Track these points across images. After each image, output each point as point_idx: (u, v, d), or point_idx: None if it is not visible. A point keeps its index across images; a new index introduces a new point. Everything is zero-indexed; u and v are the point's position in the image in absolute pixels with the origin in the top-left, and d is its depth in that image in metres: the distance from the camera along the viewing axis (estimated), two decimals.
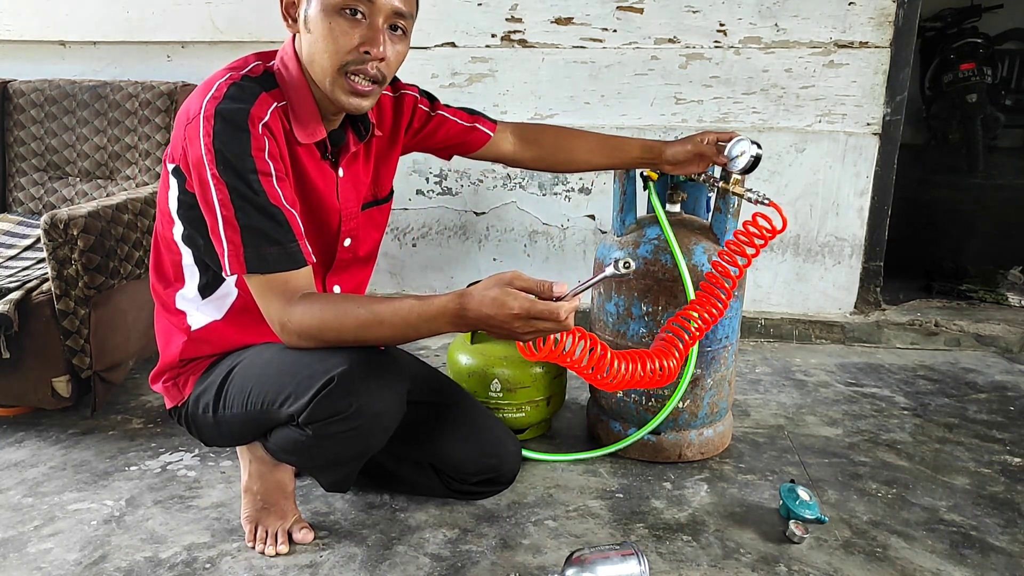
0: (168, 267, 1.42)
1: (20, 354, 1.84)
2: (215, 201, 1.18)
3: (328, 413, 1.27)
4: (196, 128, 1.19)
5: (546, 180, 2.62)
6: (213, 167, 1.17)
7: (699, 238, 1.73)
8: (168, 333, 1.47)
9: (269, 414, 1.35)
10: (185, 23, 2.63)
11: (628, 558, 1.34)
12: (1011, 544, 1.54)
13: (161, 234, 1.41)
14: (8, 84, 2.52)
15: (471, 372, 1.85)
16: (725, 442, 1.89)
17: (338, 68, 1.22)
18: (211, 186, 1.18)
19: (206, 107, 1.19)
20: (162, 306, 1.47)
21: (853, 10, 2.36)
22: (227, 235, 1.19)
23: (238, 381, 1.38)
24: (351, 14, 1.19)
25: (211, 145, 1.16)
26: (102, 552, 1.50)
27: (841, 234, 2.54)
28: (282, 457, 1.46)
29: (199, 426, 1.47)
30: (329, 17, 1.19)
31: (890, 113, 2.42)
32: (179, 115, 1.27)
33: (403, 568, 1.45)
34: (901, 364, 2.45)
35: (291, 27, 1.26)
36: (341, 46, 1.20)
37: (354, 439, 1.33)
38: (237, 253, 1.19)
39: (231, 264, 1.20)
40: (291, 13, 1.24)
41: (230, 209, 1.18)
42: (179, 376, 1.46)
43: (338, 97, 1.24)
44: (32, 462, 1.84)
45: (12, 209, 2.52)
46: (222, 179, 1.17)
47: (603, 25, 2.47)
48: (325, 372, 1.24)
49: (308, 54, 1.24)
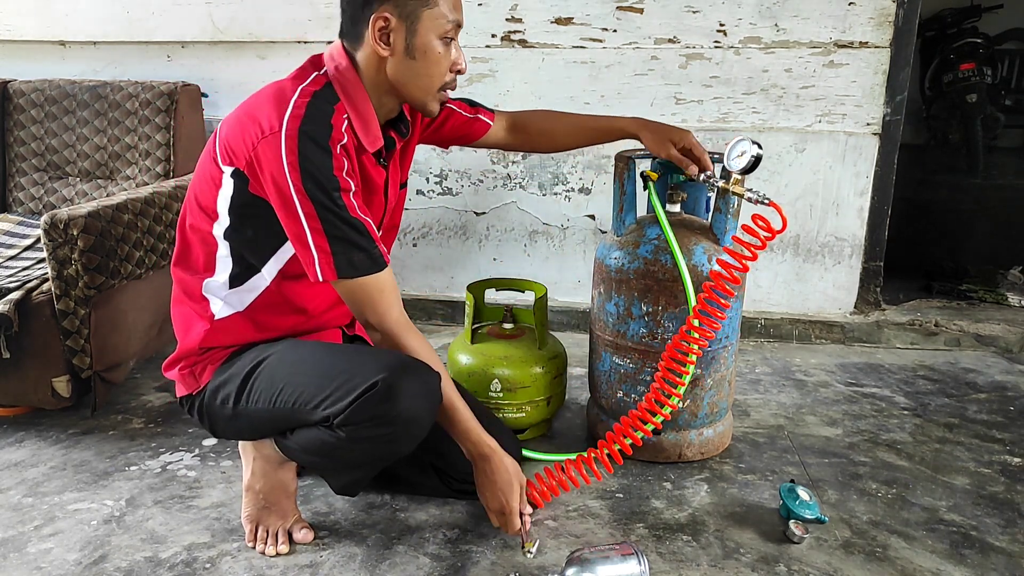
0: (199, 257, 1.45)
1: (20, 354, 1.84)
2: (301, 214, 1.28)
3: (367, 417, 1.31)
4: (277, 145, 1.26)
5: (546, 180, 2.63)
6: (299, 184, 1.26)
7: (699, 238, 1.73)
8: (189, 320, 1.48)
9: (299, 413, 1.38)
10: (185, 23, 2.63)
11: (628, 558, 1.34)
12: (1011, 544, 1.54)
13: (195, 227, 1.43)
14: (8, 84, 2.52)
15: (471, 372, 1.85)
16: (725, 442, 1.89)
17: (440, 87, 1.40)
18: (295, 200, 1.27)
19: (288, 126, 1.26)
20: (185, 293, 1.48)
21: (853, 10, 2.36)
22: (316, 245, 1.29)
23: (265, 376, 1.41)
24: (448, 42, 1.37)
25: (297, 164, 1.25)
26: (102, 552, 1.50)
27: (841, 234, 2.54)
28: (300, 456, 1.47)
29: (213, 417, 1.48)
30: (438, 46, 1.36)
31: (890, 113, 2.42)
32: (240, 123, 1.32)
33: (403, 568, 1.45)
34: (901, 364, 2.45)
35: (382, 50, 1.35)
36: (443, 69, 1.39)
37: (384, 445, 1.37)
38: (328, 262, 1.30)
39: (323, 272, 1.31)
40: (384, 40, 1.34)
41: (317, 222, 1.28)
42: (197, 364, 1.47)
43: (431, 108, 1.43)
44: (32, 462, 1.84)
45: (12, 209, 2.52)
46: (308, 196, 1.26)
47: (603, 25, 2.47)
48: (366, 377, 1.31)
49: (405, 75, 1.37)
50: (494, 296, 2.22)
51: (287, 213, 1.29)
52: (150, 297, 2.08)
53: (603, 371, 1.85)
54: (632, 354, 1.77)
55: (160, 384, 2.27)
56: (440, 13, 1.34)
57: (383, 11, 1.31)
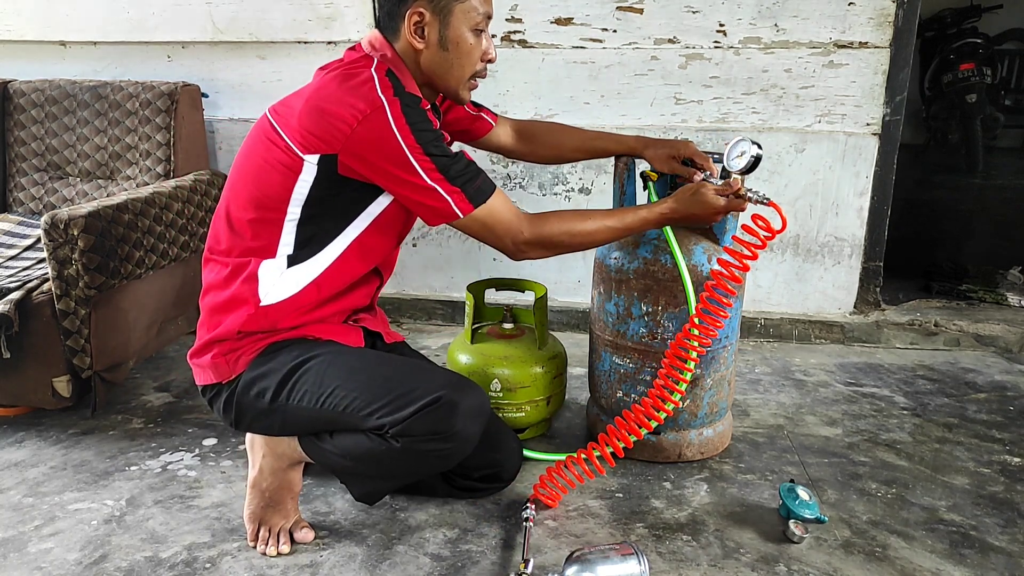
0: (257, 244, 1.46)
1: (20, 354, 1.84)
2: (421, 171, 1.37)
3: (427, 431, 1.37)
4: (383, 118, 1.34)
5: (546, 180, 2.63)
6: (415, 144, 1.35)
7: (699, 238, 1.73)
8: (229, 304, 1.46)
9: (349, 417, 1.40)
10: (185, 23, 2.63)
11: (628, 557, 1.35)
12: (1011, 544, 1.54)
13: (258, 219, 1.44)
14: (8, 84, 2.52)
15: (471, 372, 1.86)
16: (725, 442, 1.89)
17: (471, 76, 1.48)
18: (413, 161, 1.36)
19: (387, 99, 1.35)
20: (235, 273, 1.47)
21: (853, 10, 2.36)
22: (446, 190, 1.39)
23: (313, 376, 1.42)
24: (479, 32, 1.44)
25: (408, 128, 1.35)
26: (102, 552, 1.51)
27: (841, 234, 2.54)
28: (333, 459, 1.48)
29: (242, 408, 1.47)
30: (470, 37, 1.43)
31: (890, 113, 2.42)
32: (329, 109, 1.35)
33: (403, 568, 1.45)
34: (901, 364, 2.45)
35: (417, 42, 1.42)
36: (475, 59, 1.46)
37: (436, 459, 1.43)
38: (460, 198, 1.40)
39: (461, 208, 1.41)
40: (418, 33, 1.42)
41: (438, 173, 1.38)
42: (232, 351, 1.46)
43: (464, 95, 1.51)
44: (32, 462, 1.84)
45: (12, 209, 2.52)
46: (425, 152, 1.36)
47: (603, 25, 2.47)
48: (428, 391, 1.37)
49: (439, 66, 1.45)
50: (494, 296, 2.22)
51: (407, 175, 1.37)
52: (150, 297, 2.08)
53: (603, 371, 1.85)
54: (632, 354, 1.77)
55: (160, 384, 2.27)
56: (472, 6, 1.41)
57: (417, 6, 1.39)
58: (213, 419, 2.04)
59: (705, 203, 1.52)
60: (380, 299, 1.67)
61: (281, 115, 1.43)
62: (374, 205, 1.46)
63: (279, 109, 1.45)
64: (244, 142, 1.51)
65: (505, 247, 1.48)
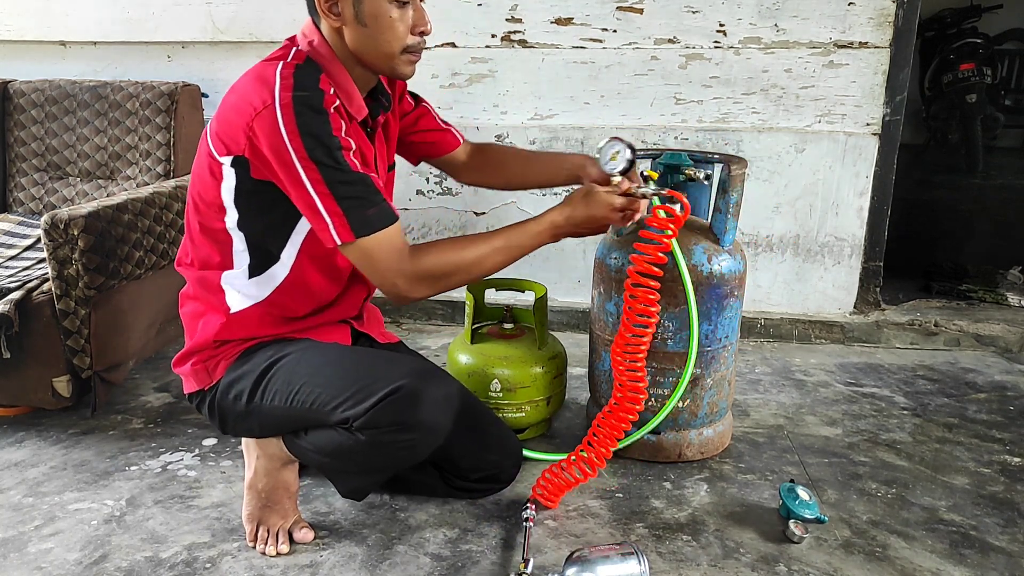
0: (212, 253, 1.44)
1: (20, 354, 1.84)
2: (307, 181, 1.26)
3: (388, 422, 1.33)
4: (273, 117, 1.25)
5: None
6: (301, 150, 1.24)
7: (699, 238, 1.73)
8: (203, 314, 1.48)
9: (317, 414, 1.38)
10: (185, 23, 2.63)
11: (628, 557, 1.35)
12: (1011, 544, 1.54)
13: (205, 225, 1.42)
14: (8, 84, 2.52)
15: (471, 372, 1.85)
16: (725, 442, 1.89)
17: (401, 51, 1.35)
18: (300, 168, 1.25)
19: (280, 96, 1.25)
20: (200, 285, 1.47)
21: (853, 10, 2.36)
22: (328, 210, 1.27)
23: (283, 375, 1.41)
24: (403, 4, 1.32)
25: (296, 130, 1.24)
26: (102, 552, 1.51)
27: (841, 234, 2.54)
28: (312, 457, 1.48)
29: (224, 413, 1.48)
30: (387, 9, 1.31)
31: (890, 113, 2.42)
32: (231, 109, 1.31)
33: (403, 568, 1.45)
34: (901, 364, 2.45)
35: (333, 20, 1.33)
36: (401, 33, 1.33)
37: (403, 450, 1.39)
38: (343, 223, 1.27)
39: (340, 234, 1.28)
40: (330, 9, 1.32)
41: (324, 186, 1.26)
42: (210, 359, 1.47)
43: (402, 71, 1.39)
44: (32, 462, 1.84)
45: (12, 209, 2.52)
46: (312, 160, 1.25)
47: (603, 25, 2.47)
48: (389, 382, 1.32)
49: (362, 43, 1.34)
50: (494, 296, 2.22)
51: (294, 184, 1.27)
52: (150, 297, 2.08)
53: (603, 371, 1.85)
54: None
55: (160, 384, 2.27)
56: None
57: None
58: None
59: (600, 202, 1.40)
60: (379, 299, 1.66)
61: (213, 117, 1.38)
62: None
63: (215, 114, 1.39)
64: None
65: (384, 286, 1.35)
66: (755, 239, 2.58)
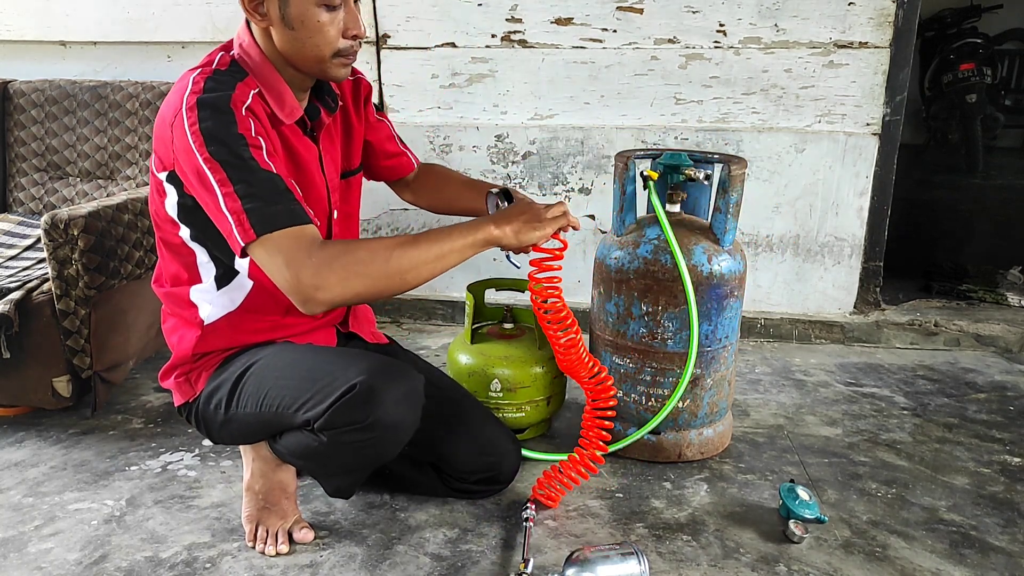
0: (180, 269, 1.44)
1: (20, 354, 1.84)
2: (213, 183, 1.19)
3: (345, 421, 1.31)
4: (180, 122, 1.22)
5: (546, 180, 2.63)
6: (203, 151, 1.19)
7: (699, 238, 1.73)
8: (179, 329, 1.48)
9: (283, 417, 1.38)
10: (185, 23, 2.63)
11: (628, 557, 1.35)
12: (1011, 544, 1.54)
13: (166, 241, 1.43)
14: (8, 84, 2.52)
15: (471, 372, 1.85)
16: (725, 442, 1.89)
17: (332, 55, 1.30)
18: (206, 170, 1.19)
19: (187, 100, 1.22)
20: (173, 303, 1.48)
21: (853, 10, 2.36)
22: (229, 208, 1.18)
23: (254, 381, 1.41)
24: (333, 8, 1.27)
25: (198, 131, 1.19)
26: (102, 552, 1.51)
27: (841, 234, 2.54)
28: (290, 460, 1.48)
29: (208, 423, 1.48)
30: (315, 13, 1.26)
31: (890, 113, 2.42)
32: (159, 123, 1.30)
33: (403, 568, 1.45)
34: (901, 364, 2.45)
35: (259, 21, 1.29)
36: (331, 37, 1.28)
37: (367, 449, 1.37)
38: (242, 221, 1.18)
39: (240, 235, 1.18)
40: (256, 9, 1.28)
41: (229, 185, 1.19)
42: (191, 371, 1.48)
43: (334, 73, 1.34)
44: (32, 462, 1.84)
45: (12, 209, 2.52)
46: (214, 159, 1.19)
47: (603, 25, 2.47)
48: (346, 380, 1.29)
49: (290, 45, 1.30)
50: (494, 296, 2.22)
51: (202, 186, 1.21)
52: (150, 297, 2.07)
53: None
54: (632, 354, 1.77)
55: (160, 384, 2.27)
56: None
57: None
58: None
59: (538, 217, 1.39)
60: (380, 300, 1.66)
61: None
62: None
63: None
64: None
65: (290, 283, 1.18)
66: (755, 239, 2.58)
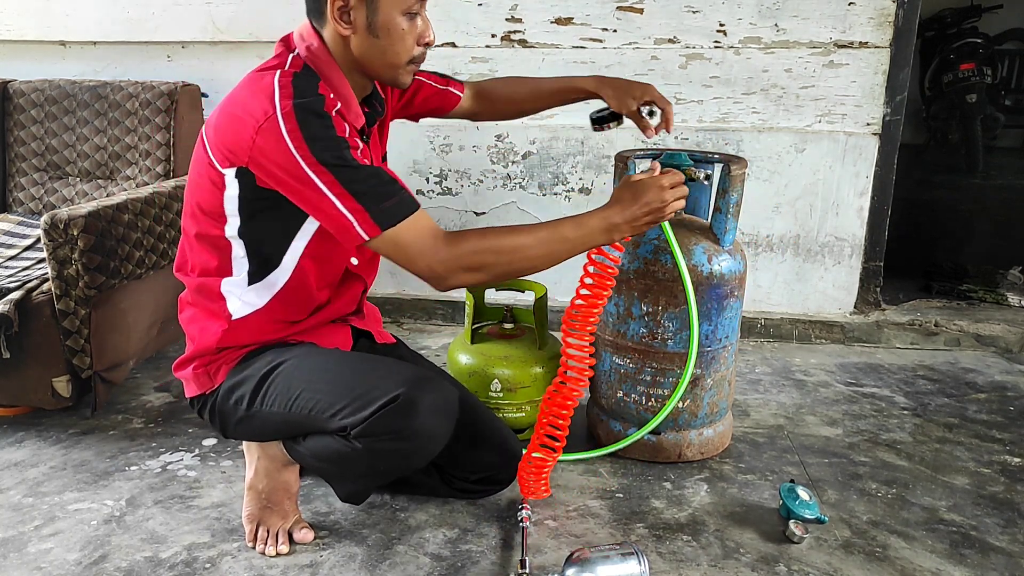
0: (212, 260, 1.44)
1: (20, 354, 1.84)
2: (321, 185, 1.25)
3: (385, 430, 1.33)
4: (276, 128, 1.24)
5: (546, 180, 2.63)
6: (310, 156, 1.24)
7: (699, 238, 1.73)
8: (203, 320, 1.47)
9: (314, 420, 1.39)
10: (185, 23, 2.63)
11: (628, 558, 1.34)
12: (1011, 544, 1.54)
13: (203, 233, 1.42)
14: (8, 84, 2.52)
15: (471, 372, 1.85)
16: (725, 442, 1.89)
17: (408, 62, 1.36)
18: (311, 174, 1.24)
19: (281, 105, 1.24)
20: (200, 293, 1.47)
21: (853, 10, 2.36)
22: (348, 209, 1.26)
23: (282, 381, 1.41)
24: (413, 16, 1.33)
25: (301, 139, 1.23)
26: (102, 552, 1.51)
27: (841, 234, 2.54)
28: (308, 462, 1.48)
29: (225, 417, 1.48)
30: (402, 22, 1.31)
31: (890, 113, 2.42)
32: (231, 121, 1.30)
33: (403, 568, 1.45)
34: (901, 364, 2.45)
35: (344, 29, 1.31)
36: (409, 44, 1.34)
37: (400, 458, 1.39)
38: (364, 219, 1.26)
39: (365, 230, 1.26)
40: (341, 17, 1.31)
41: (340, 186, 1.25)
42: (211, 364, 1.47)
43: (403, 80, 1.40)
44: (32, 462, 1.84)
45: (12, 209, 2.52)
46: (322, 163, 1.24)
47: (603, 25, 2.47)
48: (387, 391, 1.32)
49: (370, 52, 1.34)
50: (494, 296, 2.22)
51: (307, 190, 1.26)
52: (150, 297, 2.08)
53: (603, 371, 1.85)
54: (632, 354, 1.77)
55: (160, 384, 2.27)
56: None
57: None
58: None
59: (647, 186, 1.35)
60: (379, 299, 1.66)
61: (208, 124, 1.36)
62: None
63: (210, 118, 1.37)
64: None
65: (423, 272, 1.31)
66: (755, 239, 2.58)
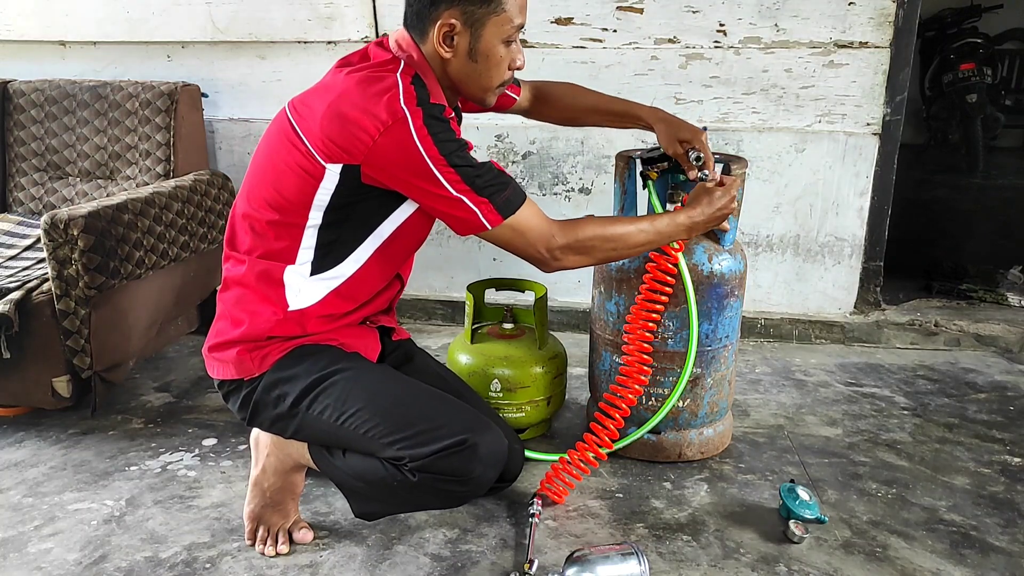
0: (279, 246, 1.44)
1: (20, 354, 1.84)
2: (446, 183, 1.34)
3: (447, 471, 1.36)
4: (406, 130, 1.30)
5: (546, 180, 2.63)
6: (439, 156, 1.32)
7: (699, 238, 1.73)
8: (257, 304, 1.45)
9: (366, 441, 1.39)
10: (185, 23, 2.63)
11: (628, 557, 1.35)
12: (1011, 544, 1.54)
13: (278, 220, 1.42)
14: (8, 84, 2.52)
15: (471, 372, 1.85)
16: (725, 442, 1.89)
17: (499, 85, 1.47)
18: (437, 173, 1.33)
19: (409, 109, 1.31)
20: (259, 277, 1.45)
21: (853, 10, 2.36)
22: (474, 201, 1.37)
23: (337, 393, 1.41)
24: (509, 44, 1.41)
25: (431, 140, 1.32)
26: (102, 552, 1.51)
27: (841, 234, 2.54)
28: (342, 476, 1.47)
29: (258, 408, 1.46)
30: (500, 50, 1.40)
31: (890, 113, 2.42)
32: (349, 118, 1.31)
33: (403, 568, 1.45)
34: (901, 364, 2.45)
35: (445, 52, 1.39)
36: (504, 70, 1.44)
37: (445, 497, 1.43)
38: (488, 209, 1.37)
39: (488, 220, 1.38)
40: (447, 42, 1.38)
41: (465, 184, 1.35)
42: (257, 350, 1.44)
43: (490, 101, 1.50)
44: (32, 462, 1.84)
45: (12, 209, 2.52)
46: (450, 163, 1.33)
47: (603, 25, 2.47)
48: (452, 431, 1.36)
49: (467, 75, 1.43)
50: (494, 296, 2.22)
51: (430, 187, 1.34)
52: (150, 297, 2.08)
53: (603, 371, 1.85)
54: None
55: (160, 384, 2.27)
56: (507, 19, 1.37)
57: (450, 17, 1.35)
58: (213, 419, 2.04)
59: (721, 196, 1.57)
60: None
61: (302, 116, 1.38)
62: (398, 212, 1.44)
63: (299, 108, 1.40)
64: (263, 138, 1.48)
65: (538, 255, 1.46)
66: (755, 239, 2.58)
